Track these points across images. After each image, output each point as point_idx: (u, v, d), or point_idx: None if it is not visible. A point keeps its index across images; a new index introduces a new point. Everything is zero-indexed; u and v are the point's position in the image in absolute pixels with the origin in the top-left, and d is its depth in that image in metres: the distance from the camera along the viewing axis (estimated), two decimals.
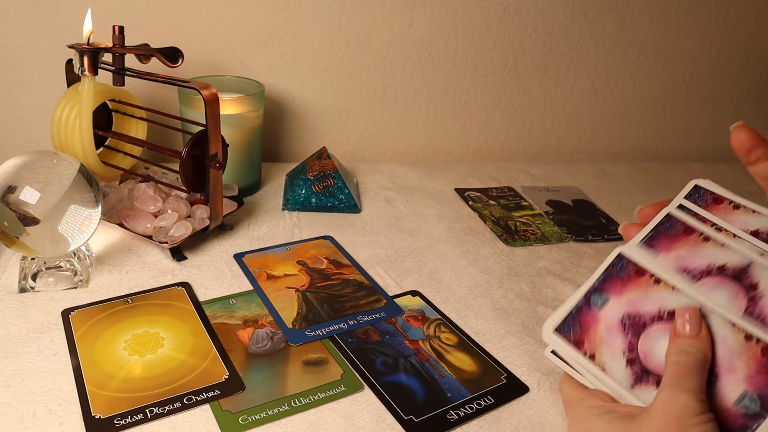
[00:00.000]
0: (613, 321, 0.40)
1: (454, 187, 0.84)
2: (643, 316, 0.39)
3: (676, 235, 0.41)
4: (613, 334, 0.39)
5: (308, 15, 0.81)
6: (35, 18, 0.74)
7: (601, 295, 0.41)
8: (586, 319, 0.40)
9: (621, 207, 0.84)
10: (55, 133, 0.61)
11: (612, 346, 0.39)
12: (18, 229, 0.49)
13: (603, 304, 0.41)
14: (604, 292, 0.41)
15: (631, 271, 0.41)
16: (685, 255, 0.40)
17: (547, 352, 0.42)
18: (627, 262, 0.41)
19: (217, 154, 0.59)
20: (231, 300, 0.55)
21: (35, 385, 0.44)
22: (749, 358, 0.35)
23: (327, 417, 0.44)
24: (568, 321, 0.41)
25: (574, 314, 0.41)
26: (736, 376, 0.35)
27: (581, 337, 0.40)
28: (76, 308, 0.52)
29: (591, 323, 0.40)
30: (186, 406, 0.43)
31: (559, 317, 0.41)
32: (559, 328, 0.41)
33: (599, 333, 0.40)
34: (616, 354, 0.39)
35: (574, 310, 0.41)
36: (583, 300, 0.41)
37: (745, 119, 1.16)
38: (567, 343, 0.40)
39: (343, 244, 0.66)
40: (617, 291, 0.41)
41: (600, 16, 0.92)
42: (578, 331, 0.40)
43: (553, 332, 0.41)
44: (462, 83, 0.92)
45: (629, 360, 0.38)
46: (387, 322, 0.54)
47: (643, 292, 0.40)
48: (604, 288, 0.41)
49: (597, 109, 1.00)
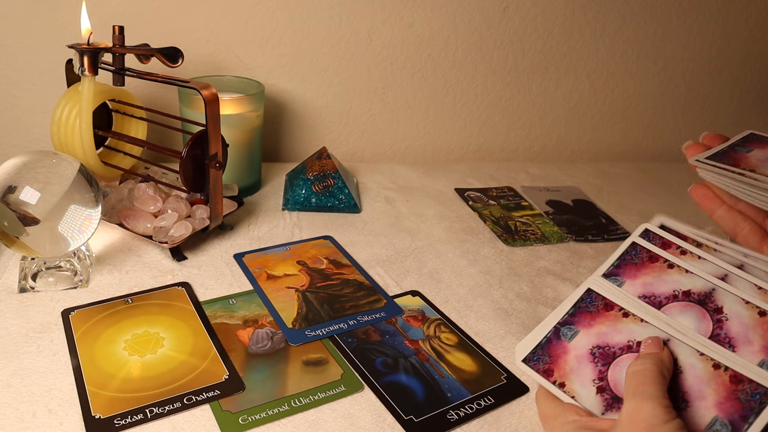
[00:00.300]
0: (582, 351, 0.41)
1: (454, 187, 0.84)
2: (613, 347, 0.40)
3: (642, 263, 0.43)
4: (582, 363, 0.40)
5: (308, 15, 0.81)
6: (35, 18, 0.74)
7: (570, 328, 0.42)
8: (556, 350, 0.41)
9: (621, 207, 0.84)
10: (55, 133, 0.61)
11: (582, 375, 0.40)
12: (18, 229, 0.49)
13: (572, 336, 0.42)
14: (574, 325, 0.42)
15: (600, 305, 0.42)
16: (651, 282, 0.42)
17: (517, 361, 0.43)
18: (596, 296, 0.43)
19: (217, 154, 0.59)
20: (231, 300, 0.55)
21: (35, 385, 0.44)
22: (718, 385, 0.36)
23: (327, 417, 0.44)
24: (537, 351, 0.42)
25: (543, 344, 0.42)
26: (706, 403, 0.36)
27: (550, 366, 0.41)
28: (76, 308, 0.52)
29: (560, 354, 0.41)
30: (186, 406, 0.43)
31: (528, 347, 0.42)
32: (528, 359, 0.42)
33: (569, 363, 0.40)
34: (586, 383, 0.39)
35: (543, 340, 0.42)
36: (553, 332, 0.42)
37: (745, 119, 1.16)
38: (535, 373, 0.41)
39: (343, 244, 0.66)
40: (586, 324, 0.42)
41: (600, 16, 0.92)
42: (547, 360, 0.41)
43: (521, 362, 0.42)
44: (462, 83, 0.92)
45: (599, 388, 0.39)
46: (387, 322, 0.54)
47: (612, 325, 0.41)
48: (574, 321, 0.42)
49: (597, 109, 1.00)
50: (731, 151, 0.47)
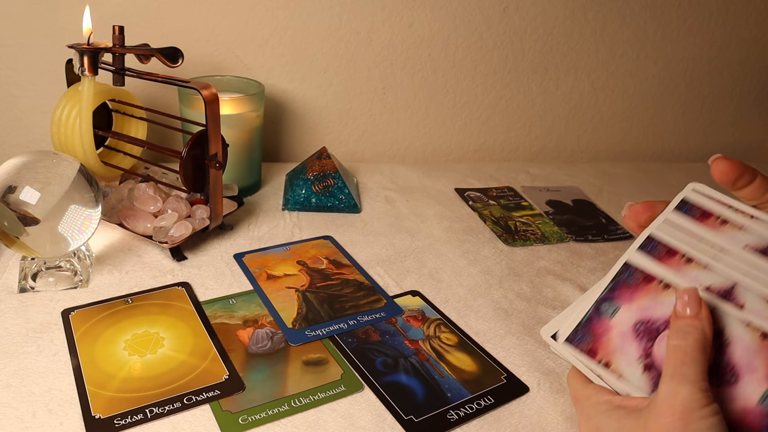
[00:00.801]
0: (625, 328, 0.39)
1: (454, 187, 0.84)
2: (656, 321, 0.39)
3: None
4: (627, 341, 0.39)
5: (308, 15, 0.81)
6: (35, 18, 0.74)
7: (611, 304, 0.40)
8: (598, 328, 0.40)
9: (621, 207, 0.83)
10: (55, 133, 0.61)
11: (627, 353, 0.38)
12: (18, 229, 0.49)
13: (614, 312, 0.40)
14: (614, 300, 0.40)
15: (640, 278, 0.41)
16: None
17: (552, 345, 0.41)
18: (635, 269, 0.41)
19: (217, 154, 0.59)
20: (231, 300, 0.55)
21: (35, 385, 0.44)
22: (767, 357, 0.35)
23: (327, 417, 0.44)
24: (579, 330, 0.40)
25: (584, 323, 0.40)
26: (757, 375, 0.35)
27: (594, 346, 0.39)
28: (76, 308, 0.52)
29: (603, 332, 0.40)
30: (186, 406, 0.43)
31: (569, 327, 0.41)
32: (570, 338, 0.40)
33: (613, 341, 0.39)
34: (631, 361, 0.38)
35: (584, 319, 0.40)
36: (593, 309, 0.41)
37: (745, 119, 1.16)
38: (580, 353, 0.40)
39: (343, 244, 0.66)
40: (627, 298, 0.40)
41: (600, 16, 0.92)
42: (590, 339, 0.40)
43: (564, 342, 0.40)
44: (462, 83, 0.92)
45: (646, 365, 0.38)
46: (387, 322, 0.54)
47: (653, 298, 0.40)
48: (614, 296, 0.41)
49: (597, 109, 1.00)
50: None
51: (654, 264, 0.41)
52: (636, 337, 0.39)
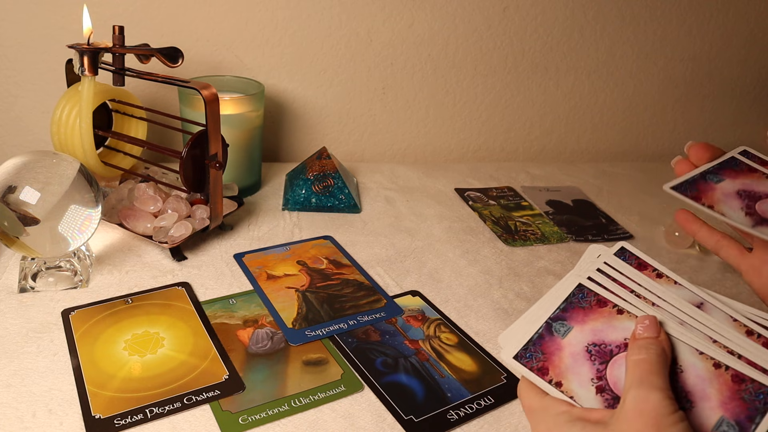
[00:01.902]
0: (578, 349, 0.39)
1: (454, 187, 0.84)
2: (609, 345, 0.39)
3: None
4: (579, 362, 0.38)
5: (308, 15, 0.81)
6: (35, 18, 0.74)
7: (563, 324, 0.40)
8: (549, 347, 0.40)
9: (621, 207, 0.84)
10: (55, 133, 0.61)
11: (579, 373, 0.38)
12: (18, 229, 0.49)
13: (566, 332, 0.40)
14: (566, 321, 0.40)
15: (593, 301, 0.41)
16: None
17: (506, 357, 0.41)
18: (588, 291, 0.41)
19: (217, 154, 0.59)
20: (231, 300, 0.55)
21: (35, 385, 0.44)
22: (720, 385, 0.35)
23: (327, 417, 0.44)
24: (529, 348, 0.40)
25: (535, 340, 0.40)
26: (710, 403, 0.35)
27: (544, 364, 0.39)
28: (76, 308, 0.52)
29: (555, 350, 0.39)
30: (186, 406, 0.43)
31: (519, 343, 0.40)
32: (519, 355, 0.40)
33: (564, 360, 0.39)
34: (584, 382, 0.38)
35: (535, 336, 0.40)
36: (544, 327, 0.40)
37: (745, 119, 1.16)
38: (529, 371, 0.39)
39: (343, 244, 0.66)
40: (580, 320, 0.40)
41: (600, 16, 0.92)
42: (541, 357, 0.39)
43: (513, 359, 0.40)
44: (462, 83, 0.92)
45: (598, 387, 0.37)
46: (387, 322, 0.54)
47: (606, 322, 0.39)
48: (566, 317, 0.40)
49: (597, 109, 1.00)
50: (701, 181, 0.46)
51: (606, 291, 0.41)
52: (588, 359, 0.38)
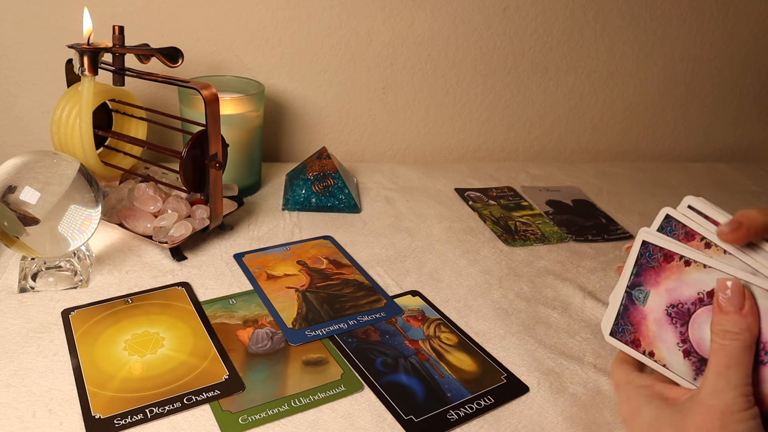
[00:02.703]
0: (659, 314, 0.39)
1: (454, 187, 0.84)
2: (686, 303, 0.38)
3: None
4: (663, 327, 0.38)
5: (308, 15, 0.81)
6: (35, 18, 0.74)
7: (640, 290, 0.40)
8: (635, 317, 0.40)
9: (621, 207, 0.84)
10: (55, 133, 0.61)
11: (666, 340, 0.38)
12: (18, 229, 0.49)
13: (645, 298, 0.40)
14: (643, 286, 0.40)
15: (660, 257, 0.40)
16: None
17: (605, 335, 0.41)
18: (653, 248, 0.40)
19: (217, 154, 0.59)
20: (231, 300, 0.55)
21: (35, 385, 0.44)
22: None
23: (327, 417, 0.44)
24: (619, 322, 0.40)
25: (622, 314, 0.40)
26: None
27: (635, 336, 0.39)
28: (76, 308, 0.52)
29: (640, 320, 0.40)
30: (186, 406, 0.43)
31: (610, 320, 0.41)
32: (614, 331, 0.40)
33: (651, 328, 0.39)
34: (671, 348, 0.38)
35: (621, 309, 0.40)
36: (626, 297, 0.40)
37: (745, 119, 1.16)
38: (625, 345, 0.40)
39: (343, 244, 0.66)
40: (653, 282, 0.40)
41: (600, 16, 0.92)
42: (631, 329, 0.40)
43: (610, 336, 0.40)
44: (462, 83, 0.92)
45: (685, 351, 0.37)
46: (387, 322, 0.54)
47: (677, 278, 0.38)
48: (641, 281, 0.40)
49: (597, 109, 1.00)
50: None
51: (670, 242, 0.39)
52: (670, 322, 0.38)
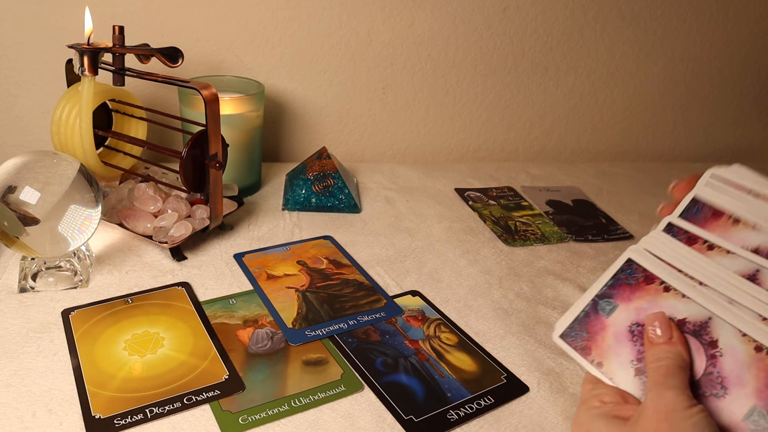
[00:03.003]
0: (621, 328, 0.39)
1: (454, 187, 0.84)
2: None
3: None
4: (621, 342, 0.38)
5: (308, 15, 0.81)
6: (35, 18, 0.74)
7: (609, 302, 0.40)
8: (594, 326, 0.40)
9: (621, 207, 0.84)
10: (55, 133, 0.61)
11: (621, 354, 0.38)
12: (18, 229, 0.49)
13: (611, 310, 0.40)
14: (613, 299, 0.40)
15: (641, 277, 0.40)
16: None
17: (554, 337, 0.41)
18: (636, 267, 0.40)
19: (217, 154, 0.59)
20: (231, 300, 0.55)
21: (35, 385, 0.44)
22: (759, 370, 0.34)
23: (327, 417, 0.44)
24: (575, 327, 0.40)
25: (580, 319, 0.40)
26: (745, 390, 0.34)
27: (587, 344, 0.39)
28: (76, 308, 0.52)
29: (598, 330, 0.39)
30: (186, 406, 0.43)
31: (566, 323, 0.40)
32: (565, 334, 0.40)
33: (607, 340, 0.39)
34: (624, 363, 0.38)
35: (581, 315, 0.40)
36: (591, 305, 0.40)
37: (745, 119, 1.16)
38: (572, 350, 0.39)
39: (343, 244, 0.66)
40: (626, 298, 0.40)
41: (600, 16, 0.92)
42: (585, 336, 0.39)
43: (559, 338, 0.40)
44: (462, 83, 0.92)
45: (637, 369, 0.37)
46: (387, 322, 0.54)
47: (652, 300, 0.39)
48: (613, 294, 0.40)
49: (597, 109, 1.00)
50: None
51: (656, 265, 0.40)
52: (631, 339, 0.38)
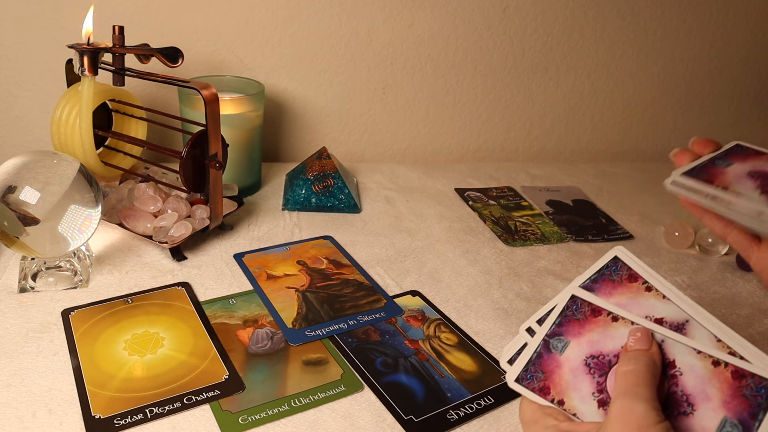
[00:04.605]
0: (576, 363, 0.39)
1: (454, 187, 0.84)
2: (607, 355, 0.38)
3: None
4: (579, 376, 0.38)
5: (308, 15, 0.81)
6: (35, 18, 0.74)
7: (560, 339, 0.40)
8: (549, 365, 0.39)
9: (621, 207, 0.84)
10: (55, 133, 0.61)
11: (581, 389, 0.38)
12: (18, 229, 0.49)
13: (563, 347, 0.40)
14: (563, 336, 0.40)
15: (587, 311, 0.40)
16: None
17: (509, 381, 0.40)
18: (581, 302, 0.41)
19: (217, 154, 0.59)
20: (231, 300, 0.55)
21: (35, 385, 0.44)
22: (721, 383, 0.35)
23: (327, 417, 0.44)
24: (529, 368, 0.40)
25: (534, 360, 0.40)
26: (712, 404, 0.35)
27: (545, 384, 0.39)
28: (76, 308, 0.52)
29: (554, 368, 0.39)
30: (186, 406, 0.43)
31: (519, 366, 0.40)
32: (520, 378, 0.39)
33: (564, 377, 0.38)
34: (585, 397, 0.37)
35: (534, 356, 0.40)
36: (542, 345, 0.40)
37: (744, 119, 1.16)
38: (531, 393, 0.39)
39: (343, 244, 0.66)
40: (576, 333, 0.40)
41: (600, 16, 0.92)
42: (541, 377, 0.39)
43: (514, 382, 0.39)
44: (462, 83, 0.92)
45: (600, 401, 0.37)
46: (387, 322, 0.54)
47: (602, 331, 0.39)
48: (562, 331, 0.40)
49: (597, 109, 1.00)
50: (710, 166, 0.46)
51: (599, 298, 0.41)
52: (588, 372, 0.38)
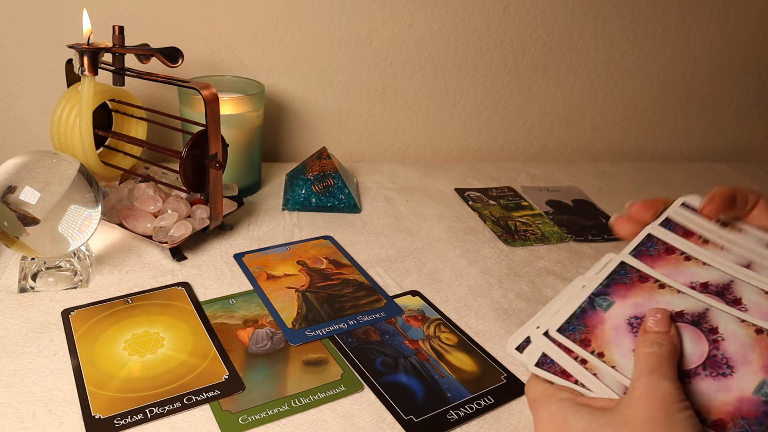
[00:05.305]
0: (619, 321, 0.40)
1: (454, 187, 0.84)
2: None
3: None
4: (621, 333, 0.40)
5: (308, 15, 0.81)
6: (35, 18, 0.74)
7: (605, 299, 0.42)
8: (591, 320, 0.41)
9: (621, 207, 0.83)
10: (55, 133, 0.61)
11: (621, 344, 0.40)
12: (18, 229, 0.49)
13: (608, 306, 0.42)
14: (609, 296, 0.42)
15: (635, 277, 0.42)
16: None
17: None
18: (630, 269, 0.43)
19: (217, 154, 0.59)
20: (231, 300, 0.55)
21: (35, 385, 0.44)
22: (762, 349, 0.37)
23: (327, 417, 0.44)
24: (572, 321, 0.41)
25: (578, 314, 0.42)
26: (752, 367, 0.36)
27: (587, 336, 0.41)
28: (76, 308, 0.52)
29: (597, 323, 0.41)
30: (186, 406, 0.43)
31: (560, 318, 0.42)
32: (562, 329, 0.41)
33: (607, 333, 0.40)
34: (626, 353, 0.39)
35: (578, 311, 0.42)
36: (587, 302, 0.42)
37: (744, 119, 1.16)
38: (572, 343, 0.40)
39: (343, 244, 0.66)
40: (622, 295, 0.42)
41: (600, 16, 0.92)
42: (584, 330, 0.41)
43: (556, 332, 0.41)
44: (462, 83, 0.92)
45: None
46: (387, 322, 0.54)
47: (648, 296, 0.41)
48: (609, 292, 0.42)
49: (597, 109, 1.00)
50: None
51: (648, 266, 0.43)
52: (630, 331, 0.40)
